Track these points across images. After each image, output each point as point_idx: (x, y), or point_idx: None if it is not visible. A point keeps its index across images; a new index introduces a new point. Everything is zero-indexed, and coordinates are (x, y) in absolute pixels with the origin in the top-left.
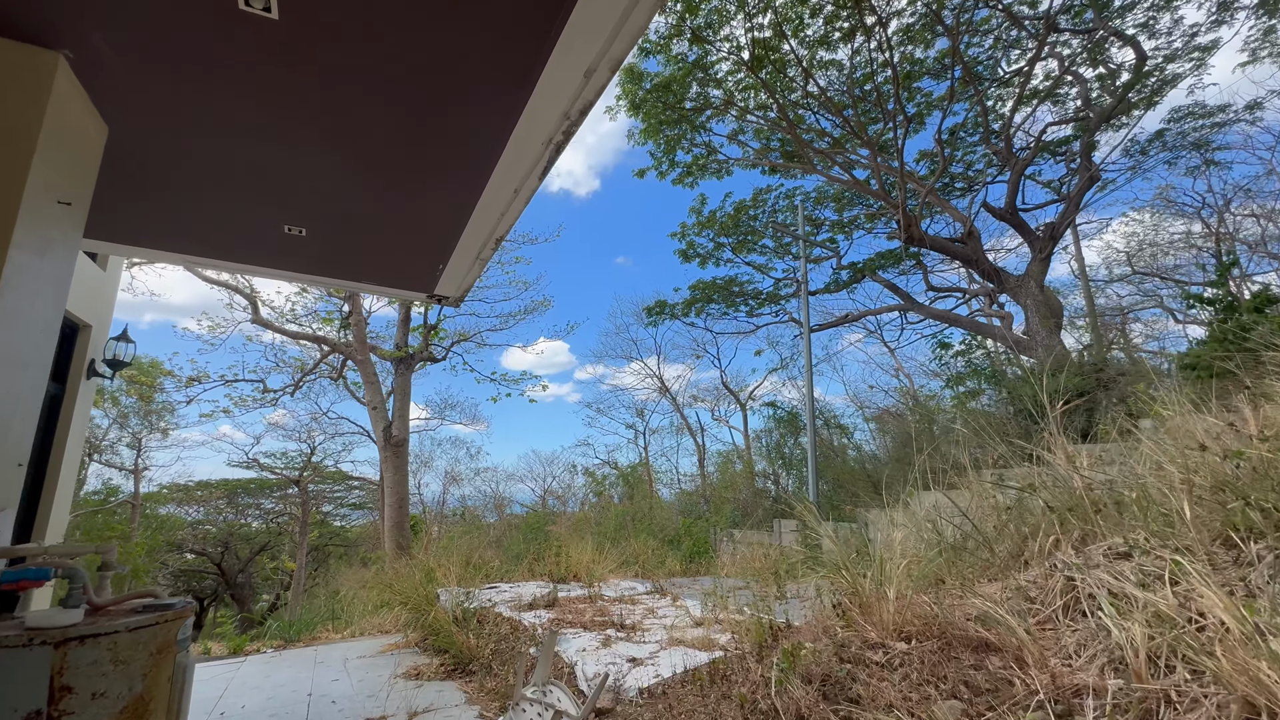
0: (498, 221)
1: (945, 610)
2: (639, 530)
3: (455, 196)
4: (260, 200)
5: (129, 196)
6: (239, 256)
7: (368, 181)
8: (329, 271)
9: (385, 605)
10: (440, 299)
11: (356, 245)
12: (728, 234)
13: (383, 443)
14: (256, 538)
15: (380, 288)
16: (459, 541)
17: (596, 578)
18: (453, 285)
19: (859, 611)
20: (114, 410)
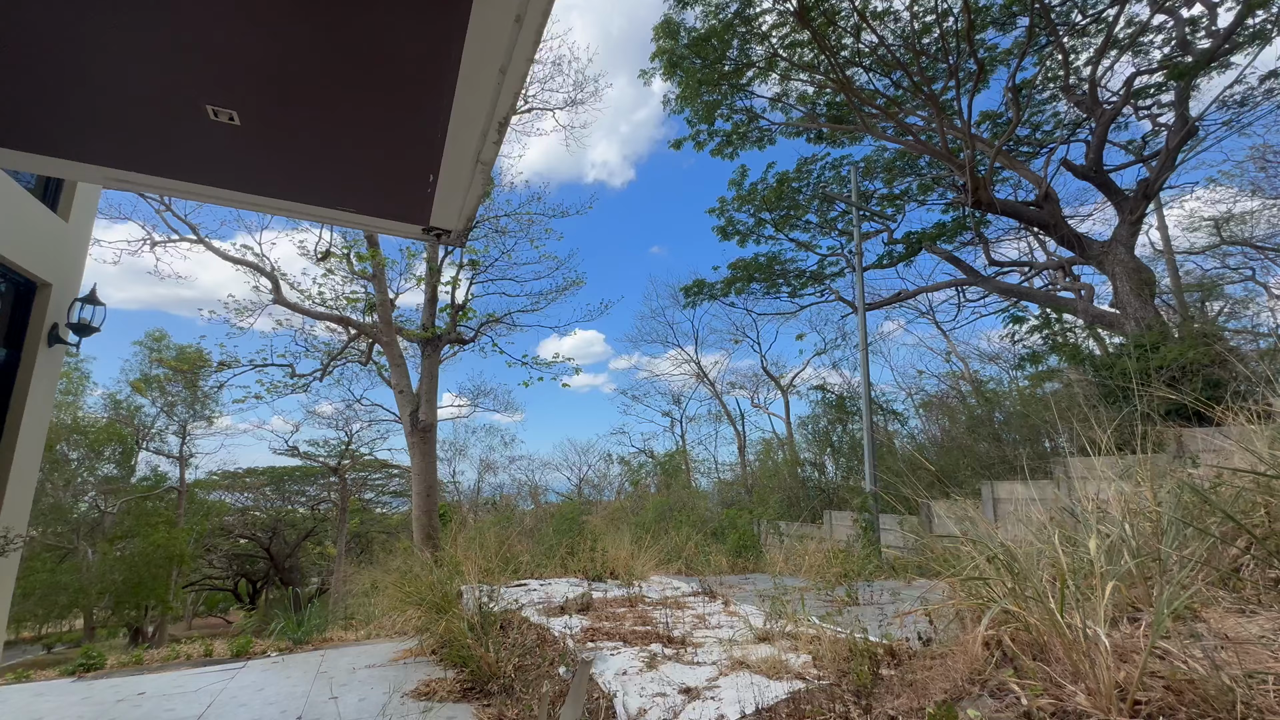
0: (491, 108)
1: (1207, 666)
2: (679, 522)
3: (423, 73)
4: (167, 68)
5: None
6: (174, 168)
7: (305, 47)
8: (292, 193)
9: (405, 603)
10: (439, 233)
11: (311, 151)
12: (770, 208)
13: (410, 428)
14: (303, 523)
15: (360, 217)
16: (489, 533)
17: (636, 575)
18: (451, 213)
19: (1032, 654)
20: (161, 399)
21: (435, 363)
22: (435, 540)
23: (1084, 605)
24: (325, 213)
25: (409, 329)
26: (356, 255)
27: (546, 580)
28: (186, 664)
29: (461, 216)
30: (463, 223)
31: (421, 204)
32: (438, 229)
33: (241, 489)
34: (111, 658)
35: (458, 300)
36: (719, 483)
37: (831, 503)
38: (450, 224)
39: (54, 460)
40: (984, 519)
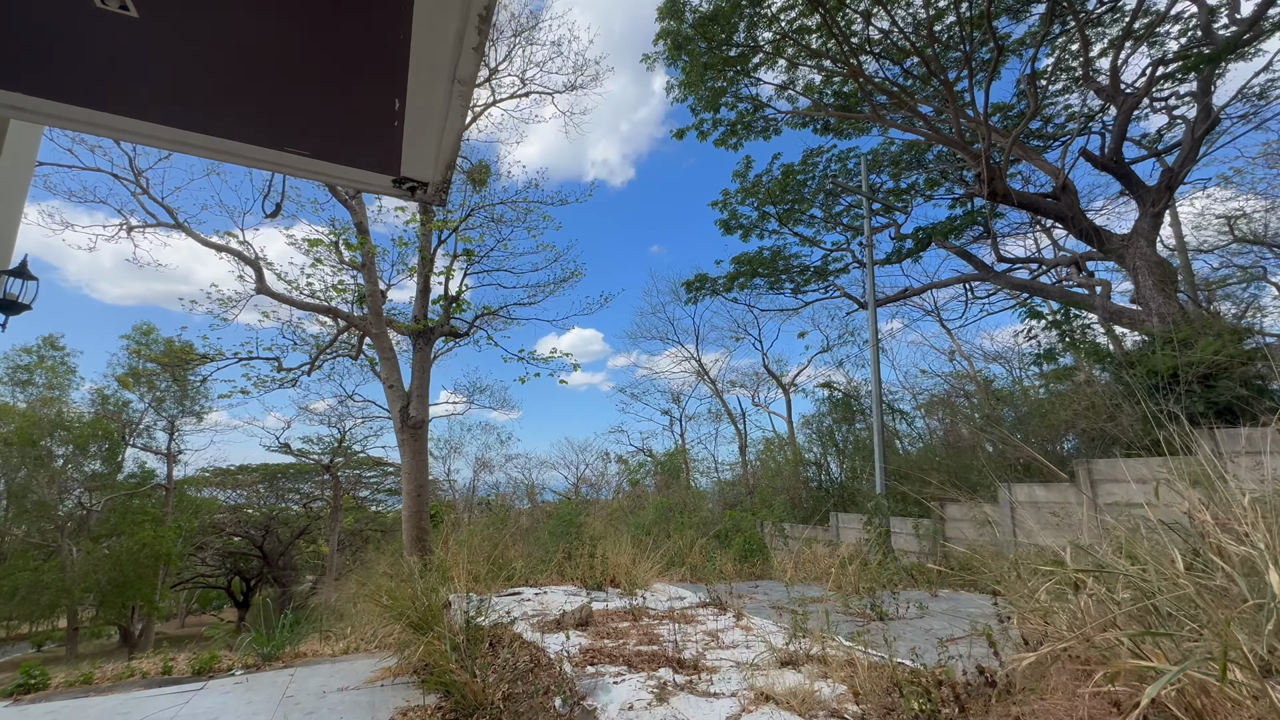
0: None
1: None
2: (681, 524)
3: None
4: None
5: None
6: (67, 87)
7: None
8: (218, 128)
9: (384, 617)
10: (413, 186)
11: (233, 66)
12: (774, 201)
13: (400, 424)
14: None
15: (313, 162)
16: (482, 535)
17: (638, 583)
18: (426, 158)
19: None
20: (150, 394)
21: (427, 356)
22: (426, 543)
23: None
24: (267, 155)
25: (400, 321)
26: (345, 243)
27: (542, 588)
28: (140, 683)
29: (439, 163)
30: (441, 172)
31: (390, 147)
32: (411, 180)
33: (234, 486)
34: (58, 676)
35: (451, 291)
36: (719, 483)
37: (838, 504)
38: (425, 174)
39: (38, 456)
40: (996, 521)
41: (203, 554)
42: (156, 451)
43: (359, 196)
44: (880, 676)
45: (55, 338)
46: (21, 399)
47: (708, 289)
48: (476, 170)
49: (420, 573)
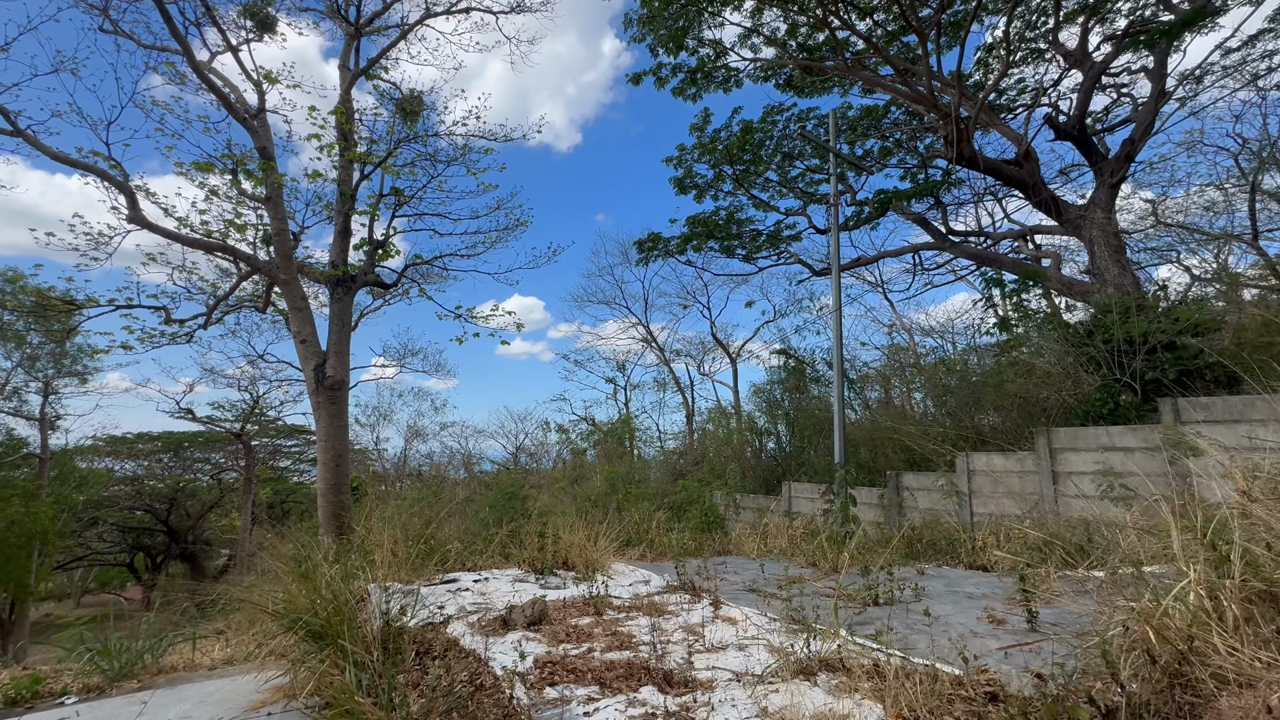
0: None
1: None
2: (633, 495)
3: None
4: None
5: None
6: None
7: None
8: None
9: (280, 620)
10: None
11: None
12: (732, 160)
13: (314, 385)
14: (207, 494)
15: None
16: (411, 510)
17: (594, 564)
18: None
19: None
20: (18, 351)
21: (348, 309)
22: (345, 520)
23: None
24: None
25: (315, 268)
26: (244, 171)
27: (483, 574)
28: None
29: None
30: None
31: None
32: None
33: (132, 456)
34: None
35: (377, 235)
36: (664, 452)
37: (787, 474)
38: None
39: None
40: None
41: (97, 529)
42: (29, 417)
43: (261, 116)
44: (922, 689)
45: None
46: None
47: (660, 250)
48: (408, 101)
49: (335, 556)
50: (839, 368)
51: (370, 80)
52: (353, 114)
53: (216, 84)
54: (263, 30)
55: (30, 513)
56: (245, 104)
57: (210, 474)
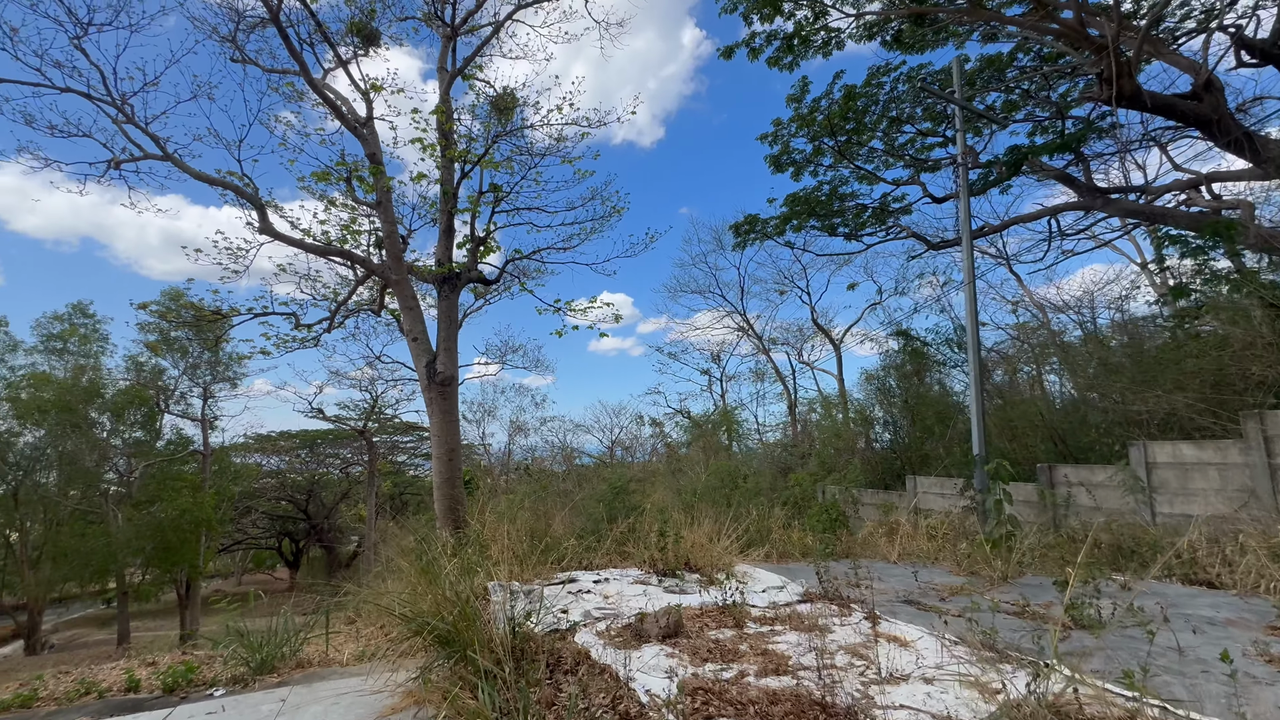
0: None
1: None
2: (746, 490)
3: None
4: None
5: None
6: None
7: None
8: None
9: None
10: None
11: None
12: (834, 130)
13: (426, 381)
14: (338, 486)
15: None
16: (524, 505)
17: (717, 565)
18: None
19: None
20: (183, 361)
21: (454, 305)
22: (459, 514)
23: None
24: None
25: (423, 267)
26: (357, 178)
27: (601, 573)
28: (93, 705)
29: None
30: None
31: None
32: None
33: (275, 452)
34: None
35: (478, 232)
36: (765, 445)
37: (908, 467)
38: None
39: (75, 423)
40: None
41: (250, 517)
42: (193, 418)
43: (370, 124)
44: None
45: (85, 304)
46: (58, 367)
47: (757, 232)
48: (501, 98)
49: (453, 550)
50: (974, 347)
51: (466, 80)
52: (451, 113)
53: (330, 96)
54: (368, 44)
55: (197, 502)
56: (355, 114)
57: (339, 468)
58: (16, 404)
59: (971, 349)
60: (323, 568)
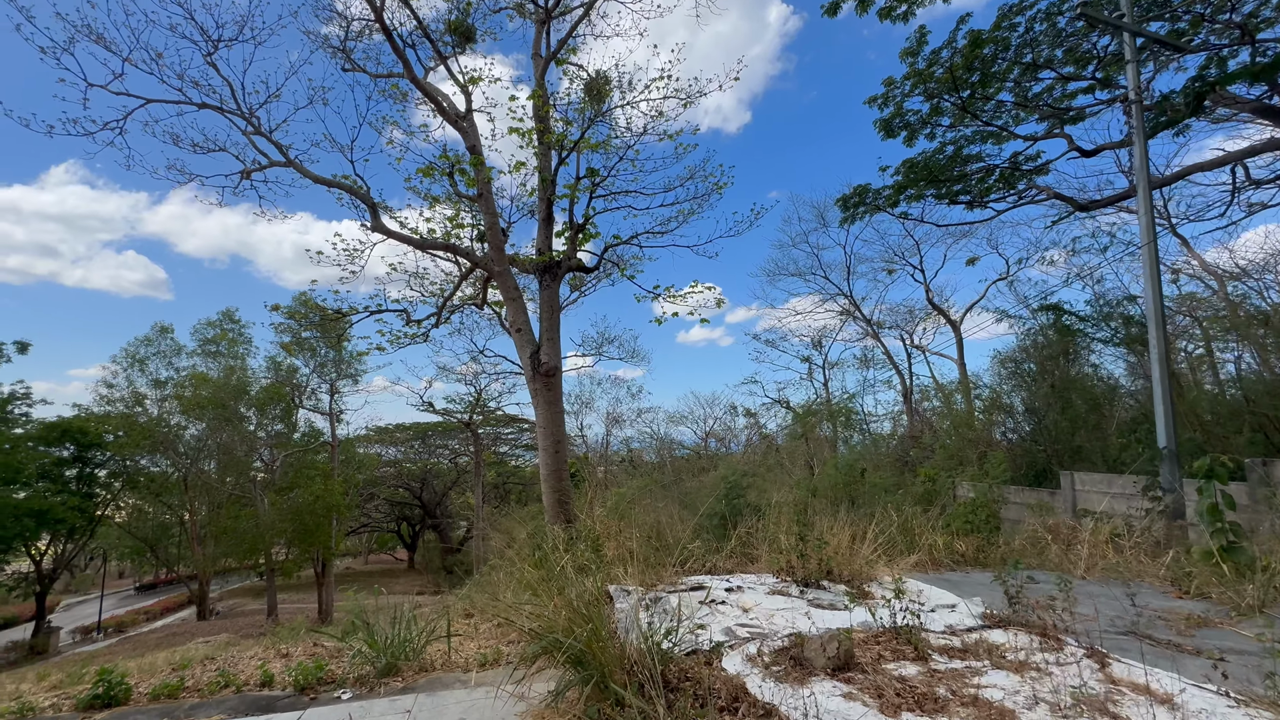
0: None
1: None
2: (875, 486)
3: None
4: None
5: None
6: None
7: None
8: None
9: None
10: None
11: None
12: (956, 85)
13: (530, 373)
14: (447, 475)
15: None
16: (636, 499)
17: (863, 573)
18: None
19: None
20: (313, 360)
21: (555, 295)
22: (568, 508)
23: None
24: None
25: (524, 257)
26: (460, 172)
27: (730, 578)
28: (231, 700)
29: None
30: None
31: None
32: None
33: (392, 443)
34: (146, 682)
35: (576, 218)
36: (874, 437)
37: (1056, 460)
38: None
39: (228, 417)
40: None
41: (373, 503)
42: (322, 413)
43: (469, 117)
44: None
45: (232, 311)
46: (213, 368)
47: (869, 204)
48: (595, 82)
49: (565, 545)
50: (1158, 320)
51: (559, 65)
52: (547, 98)
53: (431, 91)
54: (464, 42)
55: (328, 489)
56: (454, 108)
57: (448, 458)
58: (182, 401)
59: (1154, 323)
60: (436, 550)
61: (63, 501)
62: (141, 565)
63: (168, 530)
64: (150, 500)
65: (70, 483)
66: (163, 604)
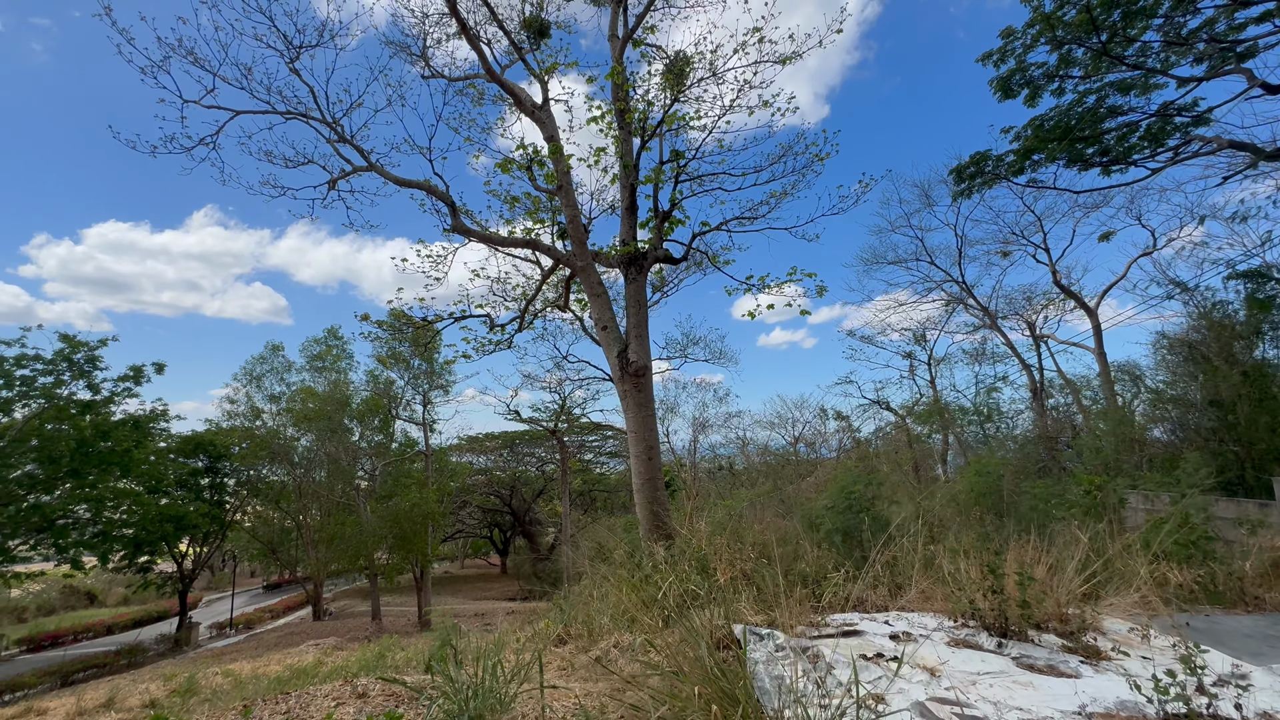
0: None
1: None
2: (1051, 497)
3: None
4: None
5: None
6: None
7: None
8: None
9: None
10: None
11: None
12: (1094, 25)
13: (619, 373)
14: (535, 482)
15: None
16: (742, 510)
17: (1076, 617)
18: None
19: None
20: (406, 372)
21: (641, 288)
22: (665, 522)
23: None
24: None
25: (607, 251)
26: (538, 163)
27: (887, 616)
28: None
29: None
30: None
31: None
32: None
33: (481, 451)
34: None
35: (661, 205)
36: (991, 438)
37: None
38: None
39: (333, 429)
40: None
41: (466, 510)
42: (416, 423)
43: (546, 107)
44: None
45: (336, 328)
46: (319, 382)
47: (989, 173)
48: (675, 62)
49: (668, 563)
50: None
51: (637, 47)
52: (626, 79)
53: (509, 85)
54: (539, 37)
55: (423, 497)
56: (531, 100)
57: (536, 466)
58: (293, 414)
59: None
60: (527, 556)
61: (195, 509)
62: (268, 566)
63: (287, 534)
64: (271, 506)
65: (204, 491)
66: (284, 603)
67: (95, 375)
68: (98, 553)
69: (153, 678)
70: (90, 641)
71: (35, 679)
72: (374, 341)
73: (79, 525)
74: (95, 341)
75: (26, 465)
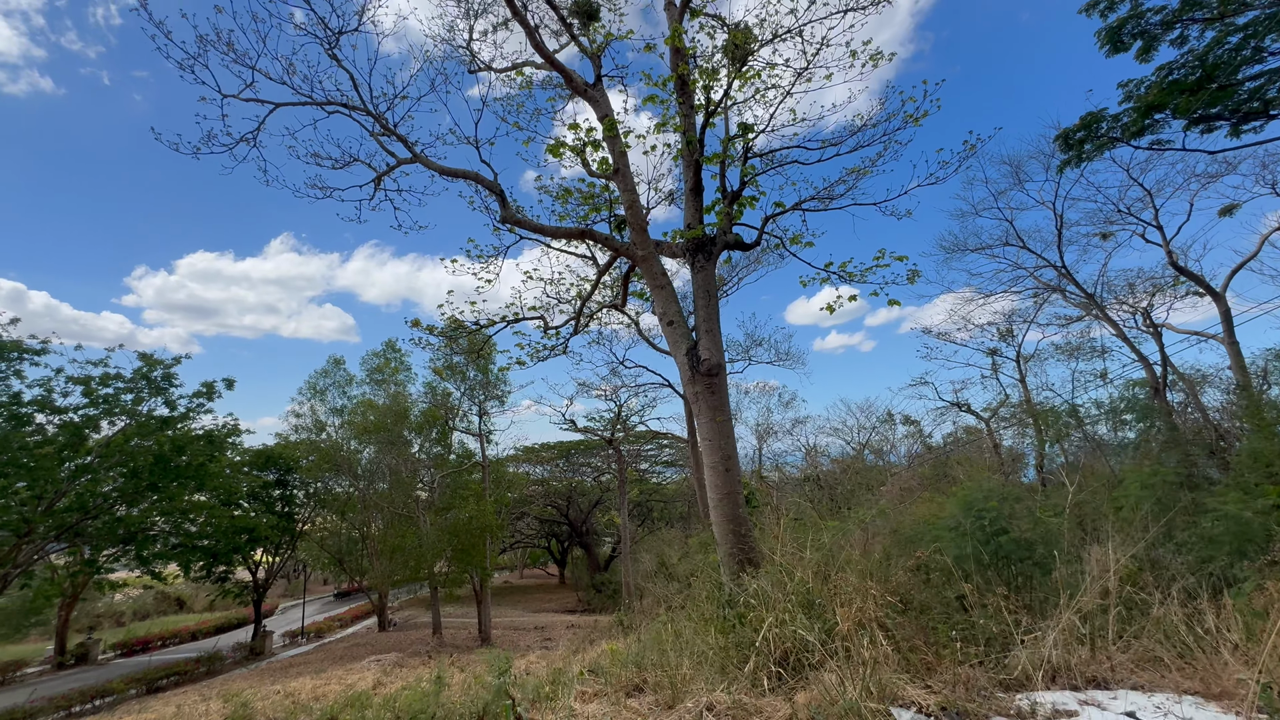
0: None
1: None
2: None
3: None
4: None
5: None
6: None
7: None
8: None
9: None
10: None
11: None
12: None
13: (689, 373)
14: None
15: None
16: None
17: None
18: None
19: None
20: (462, 384)
21: (710, 278)
22: (749, 545)
23: None
24: None
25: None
26: (592, 145)
27: (1100, 697)
28: None
29: None
30: None
31: None
32: None
33: (538, 462)
34: None
35: (729, 185)
36: (1102, 445)
37: None
38: None
39: (393, 441)
40: None
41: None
42: (473, 434)
43: (599, 85)
44: None
45: (394, 341)
46: (379, 395)
47: (1100, 138)
48: (736, 33)
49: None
50: None
51: (694, 18)
52: (685, 48)
53: (560, 63)
54: (588, 21)
55: (481, 509)
56: (582, 80)
57: (592, 476)
58: (354, 426)
59: None
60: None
61: (266, 520)
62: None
63: (354, 545)
64: (337, 517)
65: (275, 503)
66: (352, 612)
67: (171, 392)
68: (180, 563)
69: (220, 693)
70: (176, 647)
71: (123, 685)
72: (427, 349)
73: (160, 537)
74: (170, 360)
75: (115, 479)
